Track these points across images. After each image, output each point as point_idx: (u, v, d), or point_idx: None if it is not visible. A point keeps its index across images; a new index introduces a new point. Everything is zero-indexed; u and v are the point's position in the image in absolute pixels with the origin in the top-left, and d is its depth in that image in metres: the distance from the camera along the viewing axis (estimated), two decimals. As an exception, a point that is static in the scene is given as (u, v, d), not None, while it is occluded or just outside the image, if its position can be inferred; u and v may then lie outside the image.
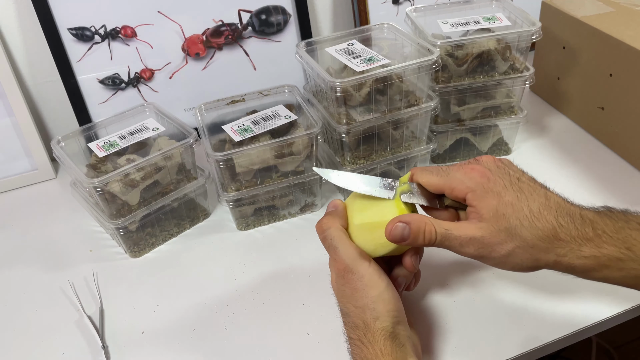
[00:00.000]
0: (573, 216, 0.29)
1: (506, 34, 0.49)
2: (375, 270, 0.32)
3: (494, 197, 0.30)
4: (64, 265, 0.47)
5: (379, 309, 0.30)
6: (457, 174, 0.31)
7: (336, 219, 0.34)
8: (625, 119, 0.52)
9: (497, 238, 0.29)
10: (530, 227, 0.29)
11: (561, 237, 0.29)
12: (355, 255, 0.32)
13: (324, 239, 0.33)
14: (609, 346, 0.77)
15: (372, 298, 0.31)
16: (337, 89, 0.43)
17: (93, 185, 0.42)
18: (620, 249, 0.28)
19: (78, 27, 0.56)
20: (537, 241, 0.29)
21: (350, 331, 0.32)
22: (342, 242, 0.32)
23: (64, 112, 0.60)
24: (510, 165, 0.32)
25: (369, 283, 0.31)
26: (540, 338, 0.37)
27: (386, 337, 0.30)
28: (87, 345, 0.39)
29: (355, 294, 0.31)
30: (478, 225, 0.30)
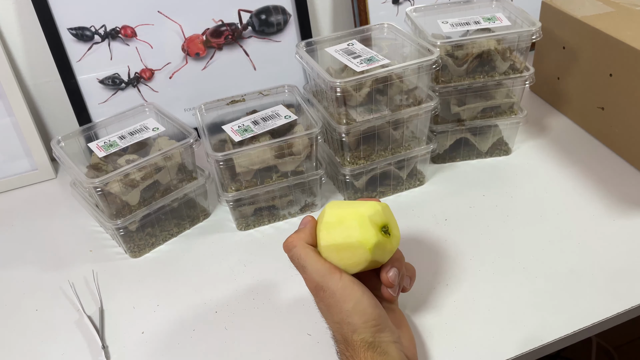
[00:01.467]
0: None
1: (506, 34, 0.49)
2: (347, 282, 0.31)
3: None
4: (64, 265, 0.47)
5: (354, 322, 0.30)
6: None
7: (302, 236, 0.33)
8: (625, 119, 0.52)
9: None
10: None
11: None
12: (323, 271, 0.31)
13: (292, 258, 0.33)
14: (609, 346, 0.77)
15: (346, 312, 0.30)
16: (337, 89, 0.43)
17: (93, 185, 0.42)
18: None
19: (78, 27, 0.56)
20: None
21: (336, 345, 0.32)
22: (309, 259, 0.32)
23: (64, 112, 0.60)
24: None
25: (341, 297, 0.30)
26: (540, 338, 0.37)
27: (366, 348, 0.30)
28: (87, 346, 0.39)
29: (330, 310, 0.31)
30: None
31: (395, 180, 0.52)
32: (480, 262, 0.43)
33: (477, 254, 0.44)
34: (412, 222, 0.48)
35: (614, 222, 0.47)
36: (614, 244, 0.44)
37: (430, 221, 0.48)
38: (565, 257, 0.43)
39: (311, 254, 0.32)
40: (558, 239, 0.45)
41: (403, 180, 0.52)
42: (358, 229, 0.32)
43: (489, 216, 0.48)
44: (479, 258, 0.44)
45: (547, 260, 0.43)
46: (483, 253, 0.44)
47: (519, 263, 0.43)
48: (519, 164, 0.55)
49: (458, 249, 0.45)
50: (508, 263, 0.43)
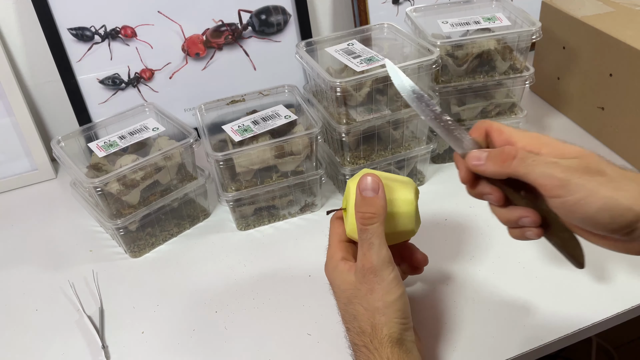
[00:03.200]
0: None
1: (506, 34, 0.49)
2: (396, 277, 0.31)
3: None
4: (64, 265, 0.47)
5: (389, 315, 0.30)
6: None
7: (382, 212, 0.31)
8: (625, 119, 0.52)
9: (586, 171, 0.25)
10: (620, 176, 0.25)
11: None
12: (386, 257, 0.31)
13: (364, 231, 0.31)
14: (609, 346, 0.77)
15: (385, 303, 0.30)
16: (337, 88, 0.43)
17: (93, 185, 0.42)
18: None
19: (78, 27, 0.56)
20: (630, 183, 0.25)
21: (355, 337, 0.31)
22: (379, 240, 0.31)
23: (64, 112, 0.60)
24: None
25: (388, 288, 0.31)
26: (541, 338, 0.37)
27: (393, 343, 0.30)
28: (87, 346, 0.39)
29: (369, 295, 0.31)
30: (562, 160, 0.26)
31: (395, 180, 0.52)
32: (480, 262, 0.43)
33: (477, 254, 0.44)
34: (412, 222, 0.48)
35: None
36: (614, 244, 0.44)
37: (430, 221, 0.48)
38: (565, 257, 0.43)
39: (382, 235, 0.31)
40: (558, 238, 0.45)
41: (403, 180, 0.52)
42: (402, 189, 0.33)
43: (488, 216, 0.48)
44: (478, 258, 0.44)
45: (546, 260, 0.43)
46: (483, 253, 0.44)
47: (518, 263, 0.43)
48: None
49: (458, 248, 0.45)
50: (508, 263, 0.43)
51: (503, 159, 0.27)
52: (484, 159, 0.28)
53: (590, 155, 0.27)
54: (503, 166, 0.27)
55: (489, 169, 0.28)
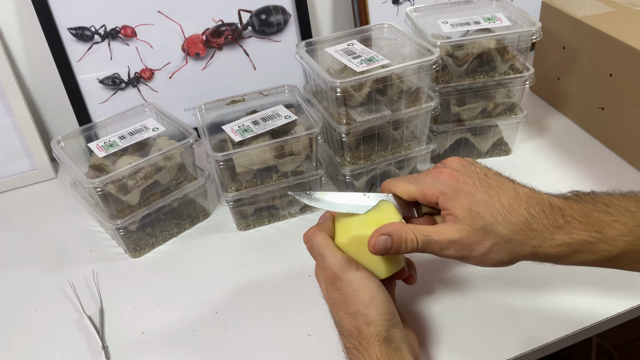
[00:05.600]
0: (543, 205, 0.30)
1: (506, 34, 0.49)
2: (365, 275, 0.31)
3: (465, 197, 0.30)
4: (63, 265, 0.47)
5: (370, 314, 0.30)
6: (427, 179, 0.32)
7: (322, 227, 0.34)
8: (625, 119, 0.52)
9: (475, 237, 0.30)
10: (505, 222, 0.29)
11: (534, 228, 0.29)
12: (342, 261, 0.32)
13: (311, 248, 0.33)
14: (609, 346, 0.77)
15: (363, 303, 0.30)
16: (337, 89, 0.43)
17: (93, 185, 0.42)
18: (590, 233, 0.29)
19: (78, 26, 0.56)
20: (513, 235, 0.29)
21: (345, 341, 0.31)
22: (328, 249, 0.32)
23: (64, 112, 0.59)
24: (475, 164, 0.33)
25: (359, 288, 0.31)
26: (540, 338, 0.37)
27: (380, 342, 0.30)
28: (87, 346, 0.39)
29: (346, 300, 0.31)
30: (455, 227, 0.30)
31: (395, 181, 0.51)
32: (481, 262, 0.43)
33: (477, 254, 0.44)
34: (412, 222, 0.48)
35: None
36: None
37: (431, 221, 0.48)
38: (565, 257, 0.43)
39: (331, 244, 0.32)
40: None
41: (403, 181, 0.52)
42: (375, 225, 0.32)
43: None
44: (479, 258, 0.44)
45: (547, 260, 0.43)
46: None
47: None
48: (519, 164, 0.55)
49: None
50: (508, 263, 0.43)
51: (408, 250, 0.31)
52: (391, 249, 0.31)
53: (477, 217, 0.30)
54: (410, 252, 0.31)
55: (396, 253, 0.31)
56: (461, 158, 0.33)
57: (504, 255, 0.30)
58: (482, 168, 0.32)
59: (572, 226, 0.29)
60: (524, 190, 0.31)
